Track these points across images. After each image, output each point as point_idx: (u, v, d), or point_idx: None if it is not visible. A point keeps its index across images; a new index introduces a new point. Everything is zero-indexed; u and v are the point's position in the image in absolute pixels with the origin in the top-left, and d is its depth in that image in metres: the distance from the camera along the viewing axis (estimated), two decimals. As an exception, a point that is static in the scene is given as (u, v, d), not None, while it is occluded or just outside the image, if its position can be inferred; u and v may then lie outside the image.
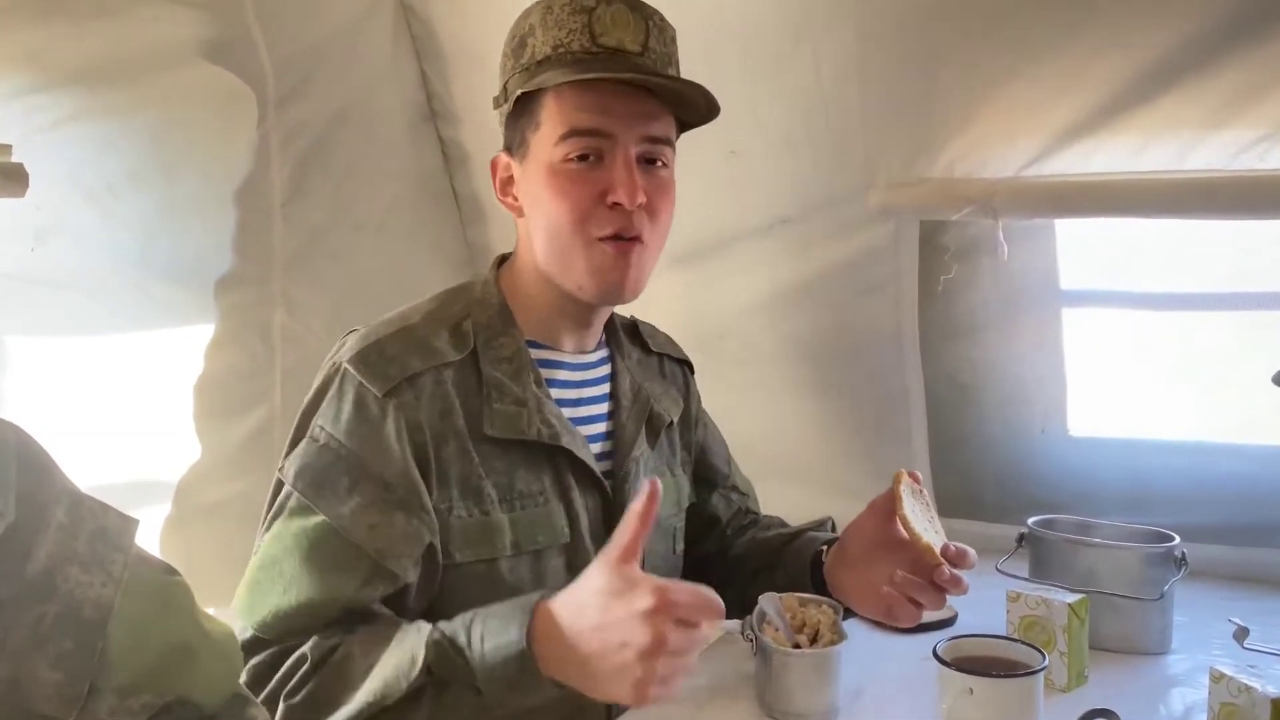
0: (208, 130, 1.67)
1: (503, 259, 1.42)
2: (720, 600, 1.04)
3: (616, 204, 1.25)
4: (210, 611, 0.97)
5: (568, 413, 1.35)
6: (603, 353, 1.44)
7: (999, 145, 1.71)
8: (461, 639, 1.10)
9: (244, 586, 1.19)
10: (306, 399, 1.28)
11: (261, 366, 1.79)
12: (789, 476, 2.06)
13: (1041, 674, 1.16)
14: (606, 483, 1.37)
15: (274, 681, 1.14)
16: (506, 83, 1.30)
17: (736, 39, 1.34)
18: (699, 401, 1.62)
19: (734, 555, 1.60)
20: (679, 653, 1.02)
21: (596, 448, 1.38)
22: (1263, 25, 1.49)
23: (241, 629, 1.17)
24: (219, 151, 1.69)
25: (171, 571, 0.95)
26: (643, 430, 1.43)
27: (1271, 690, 1.15)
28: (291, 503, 1.21)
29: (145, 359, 1.65)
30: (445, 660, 1.09)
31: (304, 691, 1.13)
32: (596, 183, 1.25)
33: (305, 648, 1.15)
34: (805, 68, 1.75)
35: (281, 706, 1.13)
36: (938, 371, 2.02)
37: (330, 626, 1.17)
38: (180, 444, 1.71)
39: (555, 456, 1.32)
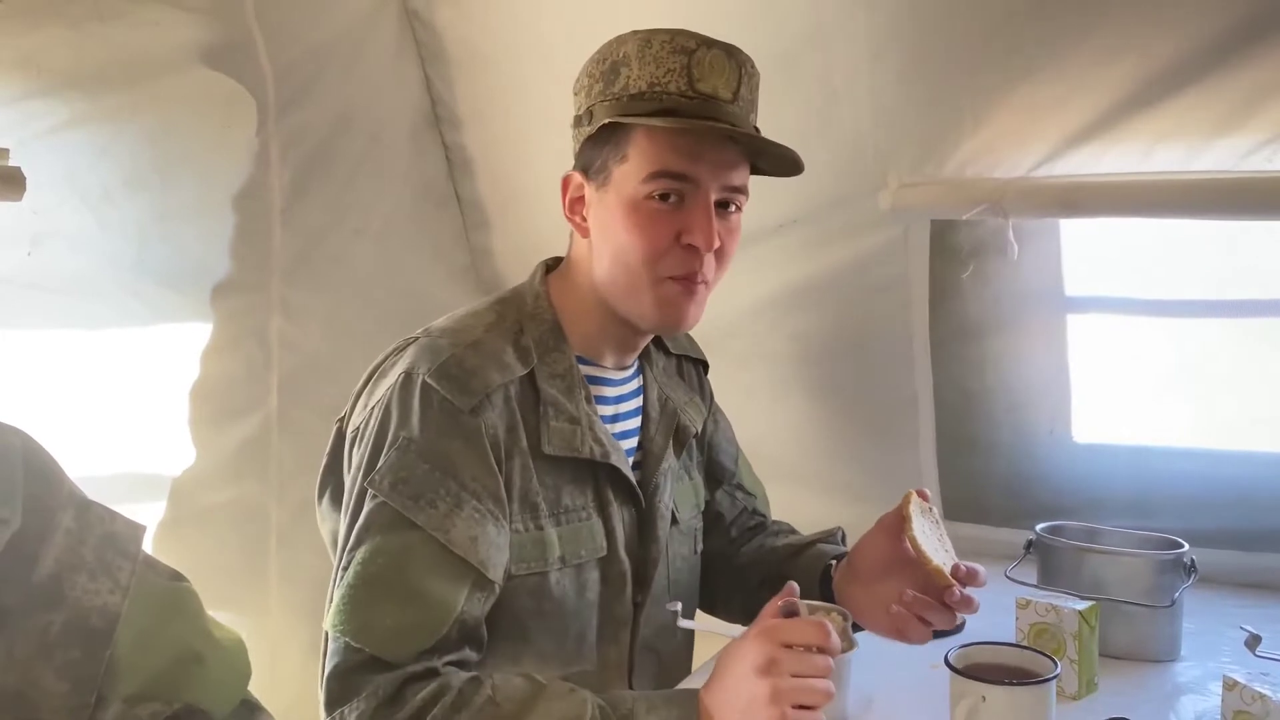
0: (205, 135, 1.65)
1: (548, 267, 1.44)
2: (826, 623, 1.11)
3: (691, 246, 1.27)
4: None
5: (609, 428, 1.39)
6: (635, 365, 1.47)
7: (1010, 146, 1.71)
8: (624, 708, 1.14)
9: (344, 604, 1.18)
10: (375, 413, 1.27)
11: (258, 372, 1.78)
12: (795, 479, 2.05)
13: (1054, 681, 1.16)
14: (641, 494, 1.41)
15: (412, 706, 1.13)
16: (592, 107, 1.31)
17: (749, 39, 1.34)
18: (712, 399, 1.65)
19: (741, 564, 1.60)
20: (799, 673, 1.07)
21: (629, 460, 1.42)
22: (1273, 29, 1.48)
23: (347, 647, 1.16)
24: (217, 156, 1.68)
25: (179, 578, 0.94)
26: (670, 442, 1.47)
27: (1287, 698, 1.14)
28: (385, 517, 1.20)
29: (141, 364, 1.64)
30: None
31: None
32: (675, 223, 1.27)
33: (445, 678, 1.16)
34: (817, 68, 1.75)
35: None
36: (945, 376, 2.01)
37: (447, 646, 1.19)
38: (176, 449, 1.69)
39: (598, 472, 1.36)
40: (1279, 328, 1.85)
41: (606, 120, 1.28)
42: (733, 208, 1.32)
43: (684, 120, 1.24)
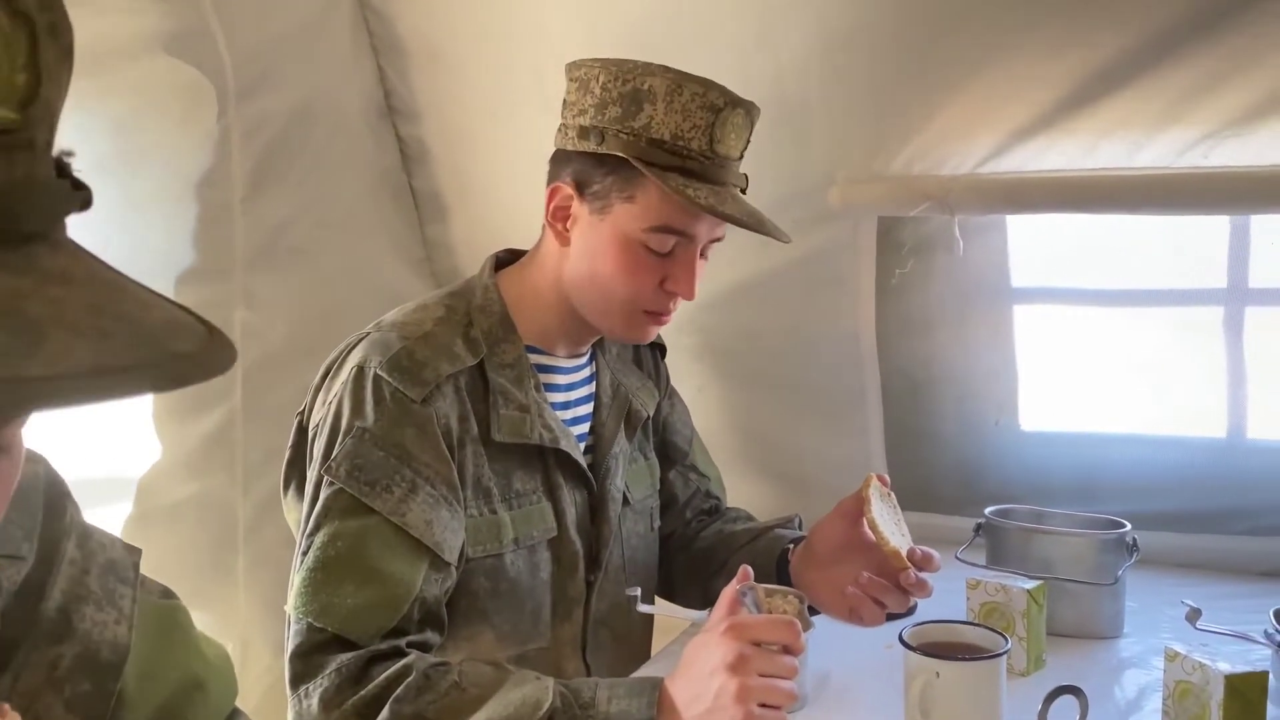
0: (168, 123, 1.64)
1: (498, 262, 1.46)
2: (797, 622, 1.12)
3: (672, 292, 1.35)
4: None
5: (559, 414, 1.42)
6: (588, 353, 1.51)
7: (957, 143, 1.74)
8: (587, 695, 1.15)
9: (305, 587, 1.21)
10: (331, 406, 1.30)
11: (222, 364, 1.76)
12: (746, 471, 2.08)
13: (1005, 657, 1.19)
14: (592, 478, 1.45)
15: (377, 684, 1.15)
16: (604, 129, 1.30)
17: (699, 37, 1.36)
18: (668, 382, 1.69)
19: (699, 549, 1.62)
20: (767, 672, 1.08)
21: (581, 445, 1.46)
22: (1207, 30, 1.53)
23: (310, 627, 1.19)
24: (180, 145, 1.66)
25: (169, 594, 0.93)
26: (621, 426, 1.51)
27: (1225, 667, 1.19)
28: (343, 502, 1.24)
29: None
30: (568, 712, 1.14)
31: (414, 704, 1.14)
32: (662, 270, 1.34)
33: (409, 660, 1.18)
34: (766, 67, 1.76)
35: (389, 708, 1.14)
36: (892, 367, 2.04)
37: (409, 627, 1.22)
38: (141, 443, 1.68)
39: (547, 457, 1.40)
40: (1216, 316, 1.90)
41: (624, 156, 1.29)
42: (710, 250, 1.40)
43: (704, 204, 1.27)
